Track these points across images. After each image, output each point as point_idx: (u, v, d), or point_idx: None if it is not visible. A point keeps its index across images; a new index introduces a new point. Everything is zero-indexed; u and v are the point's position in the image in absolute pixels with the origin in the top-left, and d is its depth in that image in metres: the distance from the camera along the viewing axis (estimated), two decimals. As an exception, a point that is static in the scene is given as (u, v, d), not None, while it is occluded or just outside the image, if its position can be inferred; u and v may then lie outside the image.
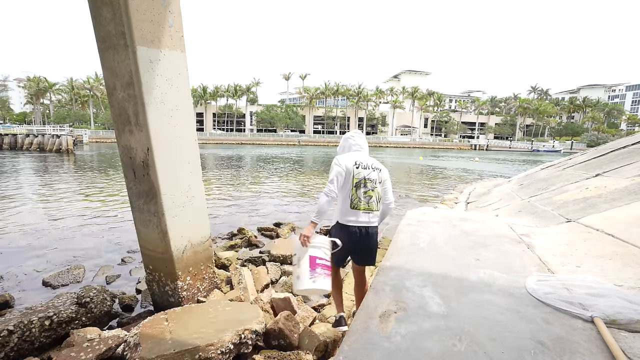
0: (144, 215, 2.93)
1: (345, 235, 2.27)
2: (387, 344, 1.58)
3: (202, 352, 2.07)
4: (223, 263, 4.12)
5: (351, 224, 2.25)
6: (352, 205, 2.23)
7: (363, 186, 2.24)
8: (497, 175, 16.93)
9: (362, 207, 2.24)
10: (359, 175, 2.24)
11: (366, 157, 2.36)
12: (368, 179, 2.25)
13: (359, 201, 2.23)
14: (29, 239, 5.40)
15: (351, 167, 2.24)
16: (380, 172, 2.34)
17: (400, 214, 6.75)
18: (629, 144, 6.34)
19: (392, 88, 75.08)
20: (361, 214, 2.24)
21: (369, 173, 2.27)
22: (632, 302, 1.78)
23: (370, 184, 2.26)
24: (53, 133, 30.61)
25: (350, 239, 2.27)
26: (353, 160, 2.28)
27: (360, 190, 2.23)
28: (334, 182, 2.17)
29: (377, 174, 2.31)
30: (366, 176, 2.25)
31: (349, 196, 2.23)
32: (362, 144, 2.41)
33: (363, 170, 2.26)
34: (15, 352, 2.35)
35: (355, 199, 2.23)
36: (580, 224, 3.48)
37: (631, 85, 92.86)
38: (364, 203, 2.24)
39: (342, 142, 2.47)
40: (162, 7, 2.64)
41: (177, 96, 2.82)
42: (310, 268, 2.13)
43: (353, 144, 2.40)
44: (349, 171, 2.23)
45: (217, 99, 69.22)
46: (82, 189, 10.41)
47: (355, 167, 2.25)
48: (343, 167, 2.23)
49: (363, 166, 2.28)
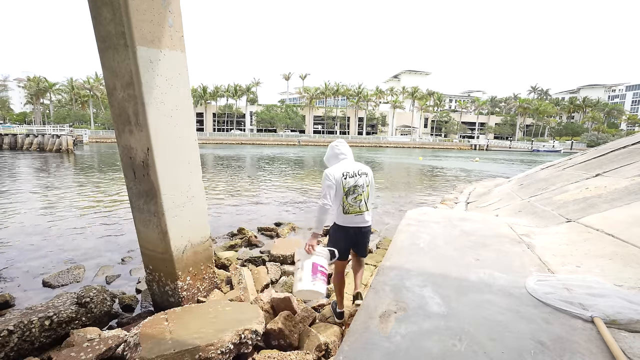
0: (144, 215, 2.94)
1: (343, 234, 2.58)
2: (387, 344, 1.58)
3: (202, 352, 2.07)
4: (223, 263, 4.12)
5: (347, 225, 2.54)
6: (345, 211, 2.49)
7: (352, 193, 2.48)
8: (497, 175, 16.93)
9: (353, 211, 2.50)
10: (347, 184, 2.47)
11: (352, 165, 2.58)
12: (356, 186, 2.49)
13: (350, 207, 2.48)
14: (29, 239, 5.40)
15: (340, 179, 2.47)
16: (366, 176, 2.58)
17: (400, 214, 6.75)
18: (629, 144, 6.34)
19: (392, 88, 75.07)
20: (354, 217, 2.51)
21: (356, 180, 2.50)
22: (632, 302, 1.78)
23: (359, 189, 2.50)
24: (53, 133, 30.60)
25: (347, 237, 2.59)
26: (340, 171, 2.50)
27: (350, 197, 2.48)
28: (326, 196, 2.41)
29: (364, 179, 2.55)
30: (354, 183, 2.49)
31: (341, 204, 2.48)
32: (346, 152, 2.64)
33: (351, 179, 2.49)
34: (15, 352, 2.35)
35: (347, 205, 2.48)
36: (580, 224, 3.48)
37: (631, 85, 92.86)
38: (355, 207, 2.50)
39: (329, 150, 2.69)
40: (162, 7, 2.64)
41: (177, 96, 2.82)
42: (312, 273, 2.36)
43: (339, 153, 2.62)
44: (338, 183, 2.46)
45: (217, 99, 69.22)
46: (82, 189, 10.42)
47: (344, 178, 2.48)
48: (332, 180, 2.45)
49: (350, 175, 2.50)
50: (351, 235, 2.56)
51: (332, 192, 2.43)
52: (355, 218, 2.51)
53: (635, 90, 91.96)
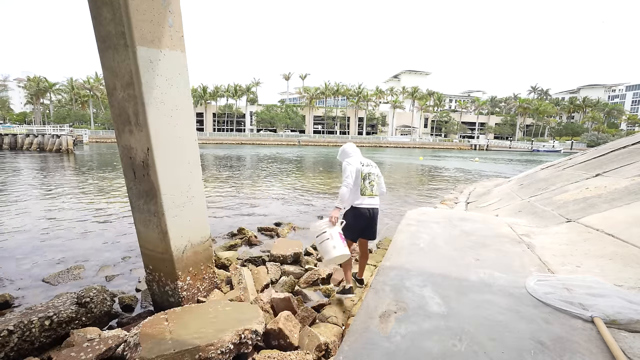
0: (144, 215, 2.93)
1: (358, 215, 3.01)
2: (387, 344, 1.58)
3: (202, 352, 2.07)
4: (223, 263, 4.12)
5: (363, 207, 2.99)
6: (362, 192, 3.00)
7: (367, 178, 3.03)
8: (497, 175, 16.93)
9: (368, 193, 3.01)
10: (364, 170, 3.04)
11: (364, 159, 3.15)
12: (370, 173, 3.07)
13: (365, 189, 3.00)
14: (29, 238, 5.40)
15: (359, 166, 3.03)
16: (376, 168, 3.19)
17: (401, 214, 6.75)
18: (629, 144, 6.34)
19: (392, 88, 75.09)
20: (369, 199, 3.01)
21: (370, 169, 3.09)
22: (632, 302, 1.78)
23: (372, 176, 3.07)
24: (53, 133, 30.60)
25: (362, 218, 3.02)
26: (359, 160, 3.08)
27: (366, 181, 3.02)
28: (350, 177, 2.93)
29: (375, 170, 3.16)
30: (368, 171, 3.06)
31: (359, 187, 2.99)
32: (357, 151, 3.22)
33: (366, 167, 3.07)
34: (15, 352, 2.34)
35: (364, 187, 3.00)
36: (580, 224, 3.48)
37: (631, 85, 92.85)
38: (370, 190, 3.02)
39: (342, 150, 3.26)
40: (162, 7, 2.64)
41: (177, 96, 2.82)
42: (342, 239, 2.83)
43: (351, 151, 3.18)
44: (358, 169, 3.01)
45: (217, 99, 69.21)
46: (82, 188, 10.42)
47: (362, 165, 3.05)
48: (354, 166, 3.00)
49: (366, 164, 3.09)
50: (366, 216, 3.00)
51: (354, 175, 2.95)
52: (370, 200, 3.01)
53: (635, 90, 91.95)
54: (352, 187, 2.95)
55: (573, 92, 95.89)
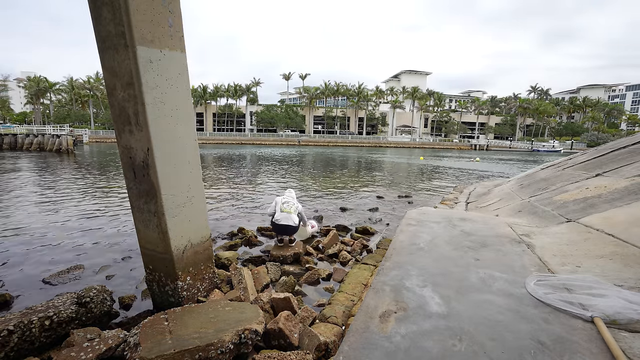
0: (144, 215, 2.93)
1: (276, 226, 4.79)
2: (387, 343, 1.58)
3: (202, 352, 2.07)
4: (223, 263, 4.12)
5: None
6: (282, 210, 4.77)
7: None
8: (497, 175, 16.94)
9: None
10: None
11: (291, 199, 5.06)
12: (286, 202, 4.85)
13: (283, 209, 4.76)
14: (29, 238, 5.40)
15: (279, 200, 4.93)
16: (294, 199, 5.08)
17: (400, 214, 6.75)
18: (629, 144, 6.34)
19: (392, 88, 75.14)
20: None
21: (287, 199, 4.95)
22: (632, 302, 1.78)
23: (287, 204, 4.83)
24: (53, 133, 30.62)
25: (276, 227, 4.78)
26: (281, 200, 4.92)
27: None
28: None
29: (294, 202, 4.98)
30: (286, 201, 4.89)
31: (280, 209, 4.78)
32: (292, 196, 5.18)
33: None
34: (15, 352, 2.34)
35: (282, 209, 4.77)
36: (580, 224, 3.48)
37: (631, 85, 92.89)
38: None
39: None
40: (162, 7, 2.64)
41: (177, 96, 2.81)
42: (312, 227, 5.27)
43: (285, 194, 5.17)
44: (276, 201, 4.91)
45: (217, 99, 69.21)
46: (82, 188, 10.41)
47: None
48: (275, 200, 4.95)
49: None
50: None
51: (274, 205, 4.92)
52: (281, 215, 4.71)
53: (635, 90, 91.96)
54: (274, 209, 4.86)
55: (573, 92, 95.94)
